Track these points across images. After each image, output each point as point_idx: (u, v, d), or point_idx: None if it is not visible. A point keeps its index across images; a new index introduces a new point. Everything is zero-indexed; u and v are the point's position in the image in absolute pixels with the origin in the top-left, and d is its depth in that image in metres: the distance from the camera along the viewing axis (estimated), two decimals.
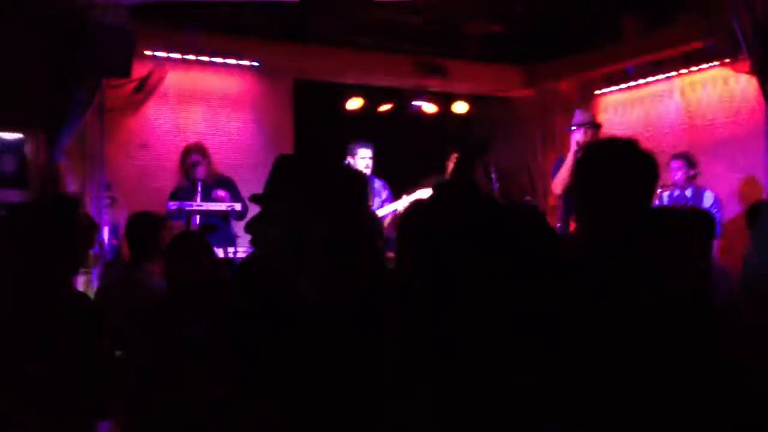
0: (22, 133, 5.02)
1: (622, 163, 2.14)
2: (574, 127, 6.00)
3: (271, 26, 7.10)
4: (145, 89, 6.33)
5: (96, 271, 5.39)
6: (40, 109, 5.09)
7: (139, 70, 6.17)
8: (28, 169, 5.26)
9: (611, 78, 8.16)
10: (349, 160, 6.62)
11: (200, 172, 6.13)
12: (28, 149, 5.27)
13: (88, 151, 5.99)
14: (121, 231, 5.08)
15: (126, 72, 5.53)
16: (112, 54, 5.19)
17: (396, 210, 6.50)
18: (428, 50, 8.14)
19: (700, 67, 7.21)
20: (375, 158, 6.69)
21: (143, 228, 3.93)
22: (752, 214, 3.43)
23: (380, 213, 6.55)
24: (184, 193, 6.10)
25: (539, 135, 8.78)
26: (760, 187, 6.44)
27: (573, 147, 5.80)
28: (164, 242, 3.76)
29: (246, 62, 7.28)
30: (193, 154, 6.18)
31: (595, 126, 5.96)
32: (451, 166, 7.11)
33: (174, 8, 6.05)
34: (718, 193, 6.30)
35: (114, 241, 6.04)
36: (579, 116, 6.01)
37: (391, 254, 2.04)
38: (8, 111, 4.93)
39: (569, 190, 5.11)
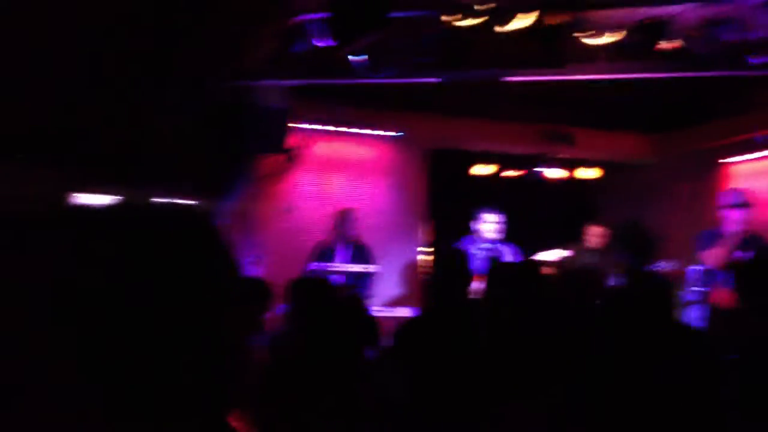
0: (196, 200, 5.64)
1: None
2: (729, 207, 6.13)
3: (408, 98, 7.59)
4: (293, 158, 6.92)
5: None
6: (207, 180, 5.72)
7: (289, 141, 6.77)
8: None
9: (740, 147, 8.15)
10: (475, 225, 6.91)
11: (345, 235, 6.61)
12: None
13: (242, 216, 6.59)
14: None
15: (280, 148, 6.14)
16: (269, 133, 5.80)
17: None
18: (555, 118, 8.41)
19: None
20: (506, 223, 6.96)
21: (306, 290, 4.34)
22: None
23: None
24: (325, 253, 6.58)
25: (666, 202, 8.82)
26: None
27: (732, 226, 5.94)
28: (321, 303, 4.17)
29: (385, 132, 7.80)
30: (347, 220, 6.68)
31: (747, 205, 6.09)
32: (592, 232, 7.25)
33: (321, 85, 6.64)
34: None
35: None
36: (734, 197, 6.15)
37: None
38: (185, 181, 5.57)
39: (732, 268, 5.26)
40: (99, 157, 5.44)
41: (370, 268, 6.40)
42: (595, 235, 7.22)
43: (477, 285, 6.12)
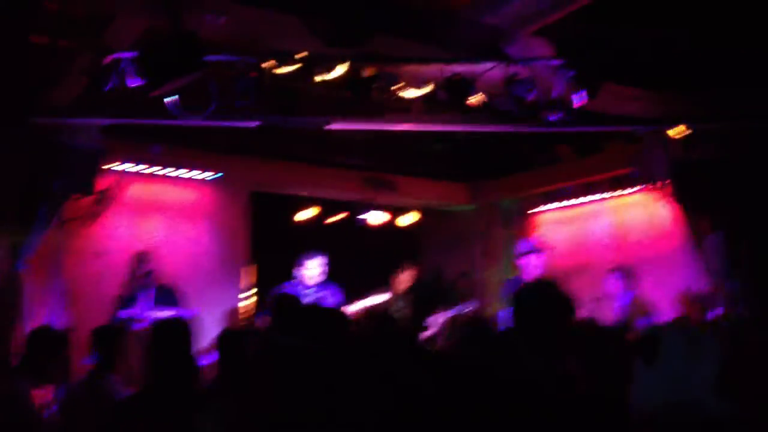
0: None
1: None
2: (523, 254, 6.48)
3: (229, 141, 7.51)
4: (104, 200, 6.61)
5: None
6: (6, 222, 5.33)
7: (100, 182, 6.47)
8: None
9: (548, 196, 8.77)
10: (297, 270, 6.92)
11: (147, 280, 6.38)
12: None
13: (46, 260, 6.19)
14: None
15: (90, 190, 5.85)
16: (79, 174, 5.51)
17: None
18: (377, 166, 8.65)
19: (626, 191, 7.85)
20: (329, 265, 7.02)
21: (109, 339, 4.15)
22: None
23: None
24: (129, 300, 6.32)
25: (479, 247, 9.28)
26: (688, 302, 6.89)
27: (530, 272, 6.27)
28: (125, 351, 4.00)
29: (205, 174, 7.66)
30: (142, 263, 6.44)
31: (538, 251, 6.45)
32: (401, 278, 7.47)
33: (137, 125, 6.43)
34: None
35: None
36: (527, 245, 6.53)
37: None
38: None
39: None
40: None
41: (182, 312, 6.19)
42: (403, 280, 7.47)
43: None
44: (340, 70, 5.25)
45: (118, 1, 4.48)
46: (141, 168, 7.21)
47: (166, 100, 4.77)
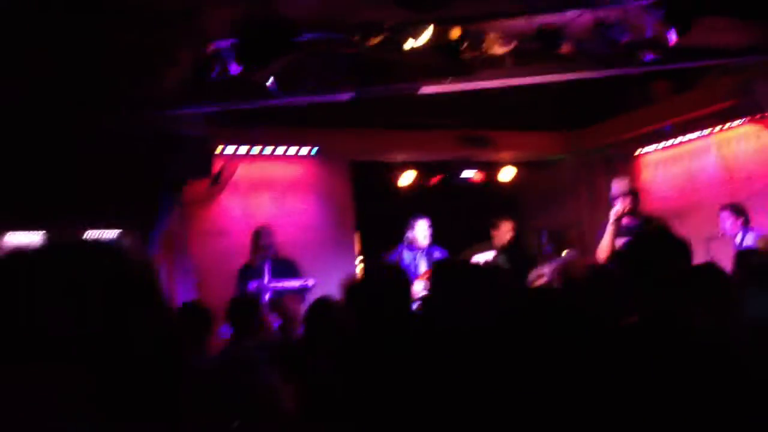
0: (119, 230, 5.69)
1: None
2: (612, 198, 6.32)
3: (326, 115, 7.76)
4: (219, 183, 7.01)
5: None
6: (133, 210, 5.77)
7: (214, 166, 6.85)
8: None
9: (649, 137, 8.58)
10: (408, 233, 7.11)
11: (269, 252, 6.70)
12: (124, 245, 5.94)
13: (172, 242, 6.64)
14: None
15: (207, 173, 6.23)
16: (194, 160, 5.89)
17: None
18: (471, 123, 8.69)
19: (731, 124, 7.60)
20: (432, 228, 7.18)
21: (244, 309, 4.49)
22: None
23: None
24: (252, 271, 6.66)
25: (585, 196, 9.20)
26: None
27: (612, 217, 6.09)
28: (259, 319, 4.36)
29: (305, 149, 7.95)
30: (263, 236, 6.77)
31: (633, 194, 6.23)
32: (500, 233, 7.53)
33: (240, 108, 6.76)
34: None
35: None
36: (615, 187, 6.31)
37: None
38: (107, 212, 5.62)
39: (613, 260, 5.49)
40: (23, 193, 5.45)
41: (309, 281, 6.51)
42: (503, 235, 7.48)
43: (417, 288, 6.32)
44: (428, 35, 5.36)
45: None
46: (246, 149, 7.56)
47: (267, 83, 5.02)
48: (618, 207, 6.00)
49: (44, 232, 5.70)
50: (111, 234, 5.80)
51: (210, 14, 4.92)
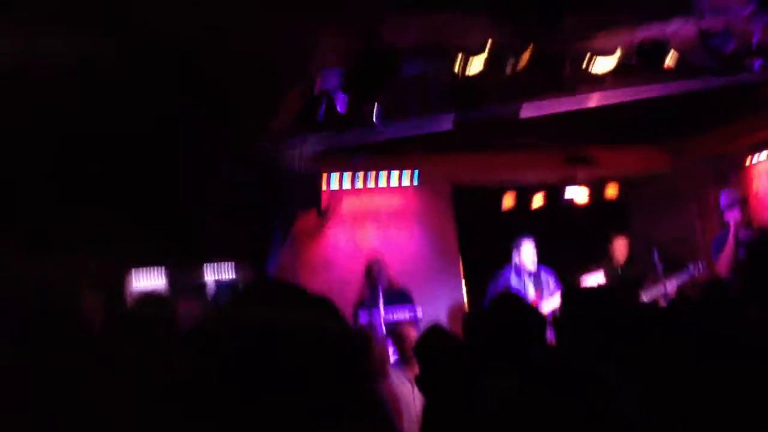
0: (234, 262, 5.93)
1: None
2: (724, 209, 6.17)
3: (426, 141, 7.85)
4: (326, 215, 7.20)
5: None
6: (247, 244, 6.01)
7: (322, 199, 7.06)
8: None
9: (759, 146, 8.28)
10: (515, 256, 7.07)
11: (382, 283, 6.80)
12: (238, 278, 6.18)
13: (284, 273, 6.84)
14: None
15: (317, 204, 6.43)
16: (304, 192, 6.10)
17: None
18: (573, 141, 8.60)
19: None
20: (537, 249, 7.12)
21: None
22: None
23: (549, 305, 6.89)
24: (367, 303, 6.77)
25: (694, 208, 8.93)
26: None
27: (732, 228, 5.94)
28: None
29: (407, 174, 8.05)
30: (375, 268, 6.88)
31: (743, 204, 6.11)
32: (615, 249, 7.40)
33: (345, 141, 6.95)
34: None
35: None
36: (726, 197, 6.19)
37: None
38: (223, 246, 5.87)
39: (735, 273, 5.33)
40: (151, 233, 5.75)
41: (417, 311, 6.58)
42: (618, 252, 7.34)
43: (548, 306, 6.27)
44: (528, 55, 5.40)
45: (319, 26, 4.88)
46: (350, 179, 7.74)
47: (373, 114, 5.16)
48: (734, 215, 5.85)
49: (164, 268, 6.00)
50: (227, 267, 6.05)
51: (320, 49, 5.11)
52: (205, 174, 5.78)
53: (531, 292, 7.02)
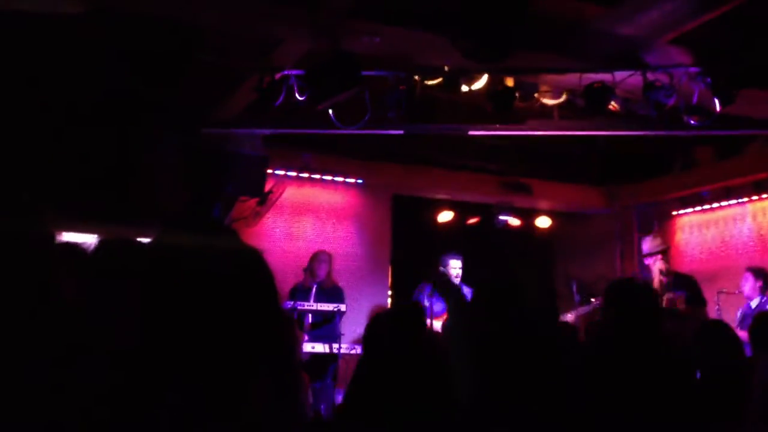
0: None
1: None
2: (644, 255, 6.53)
3: (373, 148, 8.04)
4: (266, 202, 7.29)
5: None
6: (188, 219, 6.05)
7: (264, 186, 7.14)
8: None
9: (686, 200, 8.73)
10: (442, 269, 7.28)
11: (321, 275, 6.93)
12: None
13: None
14: None
15: (260, 192, 6.52)
16: (248, 178, 6.19)
17: None
18: (513, 170, 8.92)
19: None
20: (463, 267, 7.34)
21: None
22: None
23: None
24: (300, 293, 6.87)
25: (618, 250, 9.35)
26: None
27: (656, 275, 6.30)
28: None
29: (351, 179, 8.25)
30: (316, 261, 6.99)
31: (663, 252, 6.45)
32: None
33: (292, 134, 7.09)
34: None
35: None
36: (646, 245, 6.53)
37: None
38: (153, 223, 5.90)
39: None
40: (80, 193, 5.76)
41: (341, 307, 6.72)
42: None
43: (438, 325, 6.51)
44: (483, 81, 5.64)
45: (289, 29, 5.03)
46: (295, 173, 7.86)
47: (329, 112, 5.30)
48: (659, 264, 6.21)
49: (96, 234, 6.01)
50: None
51: (284, 48, 5.24)
52: (151, 148, 5.83)
53: (438, 308, 7.17)
